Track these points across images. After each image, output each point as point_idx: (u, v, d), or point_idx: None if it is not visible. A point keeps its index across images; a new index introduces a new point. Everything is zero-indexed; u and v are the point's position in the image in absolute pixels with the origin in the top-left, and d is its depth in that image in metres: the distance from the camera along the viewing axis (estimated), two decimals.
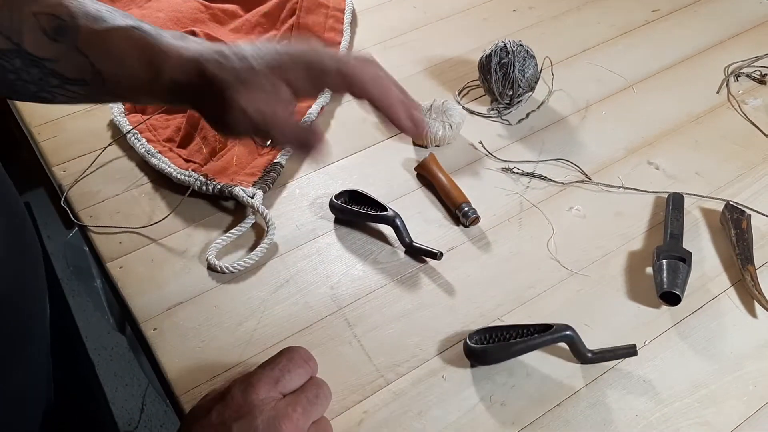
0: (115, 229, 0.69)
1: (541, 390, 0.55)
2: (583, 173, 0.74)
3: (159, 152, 0.74)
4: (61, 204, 0.71)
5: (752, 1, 1.00)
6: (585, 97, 0.84)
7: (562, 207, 0.71)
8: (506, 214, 0.70)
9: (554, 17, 0.98)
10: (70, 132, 0.80)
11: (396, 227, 0.65)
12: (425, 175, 0.73)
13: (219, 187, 0.69)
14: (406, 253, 0.66)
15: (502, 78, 0.79)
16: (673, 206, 0.68)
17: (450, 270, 0.64)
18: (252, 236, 0.68)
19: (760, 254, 0.65)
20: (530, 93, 0.82)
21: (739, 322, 0.60)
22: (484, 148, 0.77)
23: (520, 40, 0.80)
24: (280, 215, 0.70)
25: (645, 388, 0.55)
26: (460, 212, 0.68)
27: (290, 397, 0.47)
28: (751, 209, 0.69)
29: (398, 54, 0.92)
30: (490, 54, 0.79)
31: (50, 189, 0.87)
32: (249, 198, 0.68)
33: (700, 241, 0.67)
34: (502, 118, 0.82)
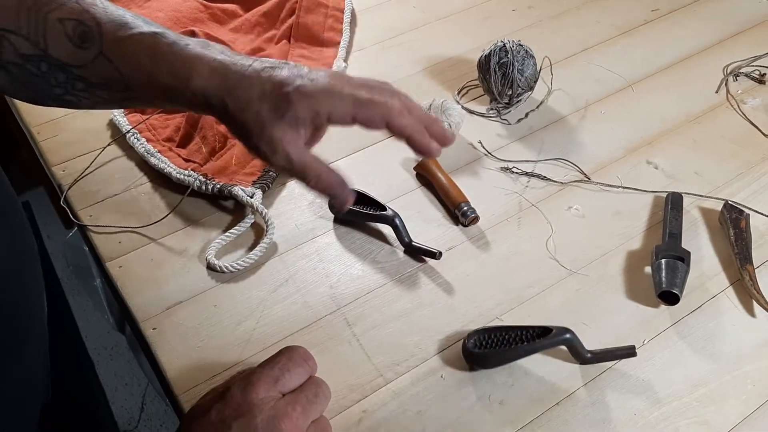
0: (114, 228, 0.69)
1: (540, 389, 0.55)
2: (582, 173, 0.74)
3: (158, 152, 0.74)
4: (61, 203, 0.71)
5: (751, 1, 1.00)
6: (584, 97, 0.84)
7: (561, 206, 0.71)
8: (505, 214, 0.70)
9: (553, 17, 0.98)
10: (70, 132, 0.80)
11: (395, 227, 0.66)
12: (424, 175, 0.73)
13: (218, 186, 0.69)
14: (405, 252, 0.66)
15: (501, 78, 0.79)
16: (671, 206, 0.68)
17: (449, 269, 0.65)
18: (251, 236, 0.68)
19: (758, 253, 0.66)
20: (529, 93, 0.82)
21: (737, 321, 0.61)
22: (484, 147, 0.77)
23: (519, 40, 0.80)
24: (280, 215, 0.70)
25: (643, 388, 0.56)
26: (459, 212, 0.68)
27: (290, 396, 0.47)
28: (749, 209, 0.69)
29: (397, 53, 0.92)
30: (490, 53, 0.80)
31: (50, 188, 0.87)
32: (248, 197, 0.68)
33: (698, 241, 0.67)
34: (502, 117, 0.82)
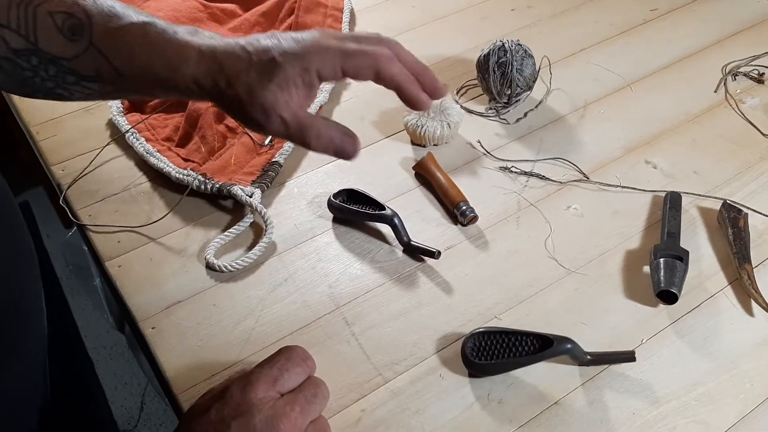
0: (113, 228, 0.69)
1: (538, 388, 0.56)
2: (581, 172, 0.75)
3: (158, 151, 0.74)
4: (60, 203, 0.71)
5: (750, 1, 1.01)
6: (583, 97, 0.85)
7: (559, 206, 0.71)
8: (504, 213, 0.70)
9: (552, 16, 0.98)
10: (69, 131, 0.80)
11: (394, 226, 0.66)
12: (423, 174, 0.73)
13: (217, 186, 0.69)
14: (404, 252, 0.66)
15: (500, 77, 0.79)
16: (670, 205, 0.69)
17: (448, 269, 0.65)
18: (250, 235, 0.68)
19: (757, 253, 0.66)
20: (528, 92, 0.82)
21: (736, 320, 0.61)
22: (482, 147, 0.77)
23: (518, 40, 0.80)
24: (279, 214, 0.70)
25: (642, 387, 0.56)
26: (458, 211, 0.68)
27: (288, 396, 0.47)
28: (748, 208, 0.69)
29: None
30: (488, 53, 0.80)
31: (49, 188, 0.87)
32: (247, 197, 0.68)
33: (697, 240, 0.68)
34: (500, 117, 0.82)
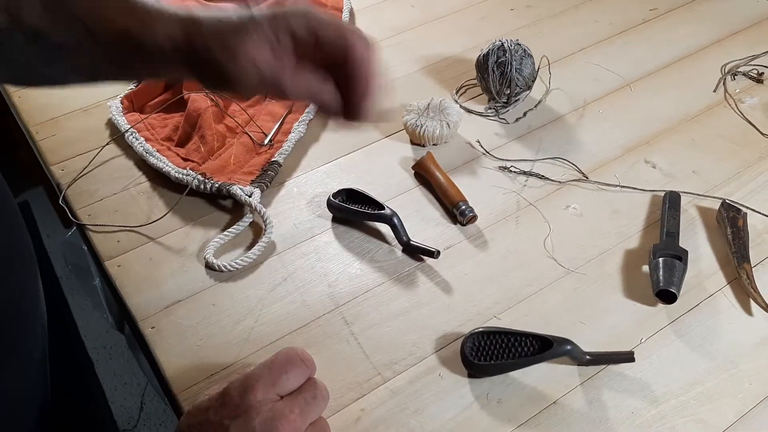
0: (113, 227, 0.69)
1: (537, 388, 0.56)
2: (580, 172, 0.75)
3: (157, 151, 0.75)
4: (60, 203, 0.71)
5: (749, 0, 1.01)
6: (582, 96, 0.85)
7: (559, 205, 0.71)
8: (503, 213, 0.70)
9: (552, 16, 0.98)
10: (69, 131, 0.80)
11: (393, 226, 0.66)
12: (423, 174, 0.73)
13: (217, 185, 0.69)
14: (403, 251, 0.66)
15: (499, 77, 0.79)
16: (669, 204, 0.69)
17: (447, 268, 0.65)
18: (250, 235, 0.68)
19: (756, 252, 0.66)
20: (527, 92, 0.82)
21: (735, 320, 0.61)
22: (482, 146, 0.77)
23: (517, 39, 0.81)
24: (278, 214, 0.70)
25: (641, 386, 0.56)
26: (457, 211, 0.68)
27: (288, 398, 0.47)
28: (747, 207, 0.69)
29: (396, 53, 0.92)
30: (488, 53, 0.80)
31: (49, 188, 0.87)
32: (247, 197, 0.68)
33: (696, 240, 0.68)
34: (500, 116, 0.82)
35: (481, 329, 0.56)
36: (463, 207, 0.68)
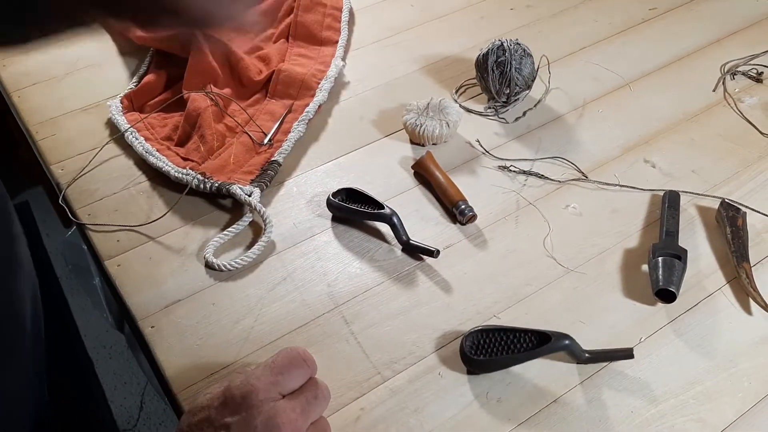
0: (113, 227, 0.69)
1: (537, 387, 0.56)
2: (580, 171, 0.75)
3: (157, 150, 0.75)
4: (60, 202, 0.71)
5: (749, 0, 1.01)
6: (582, 96, 0.85)
7: (558, 205, 0.71)
8: (503, 212, 0.70)
9: (551, 15, 0.98)
10: (68, 130, 0.80)
11: (393, 225, 0.66)
12: (422, 173, 0.73)
13: (216, 185, 0.69)
14: (403, 251, 0.66)
15: (499, 76, 0.79)
16: (669, 204, 0.69)
17: (446, 268, 0.65)
18: (249, 234, 0.68)
19: (755, 251, 0.66)
20: (527, 91, 0.82)
21: (734, 319, 0.61)
22: (481, 146, 0.78)
23: (517, 39, 0.81)
24: (278, 213, 0.70)
25: (640, 385, 0.56)
26: (456, 210, 0.68)
27: (290, 397, 0.47)
28: (746, 207, 0.69)
29: (395, 52, 0.92)
30: (487, 52, 0.80)
31: (48, 187, 0.87)
32: (246, 196, 0.68)
33: (695, 239, 0.68)
34: (499, 116, 0.82)
35: (480, 327, 0.57)
36: (463, 206, 0.68)
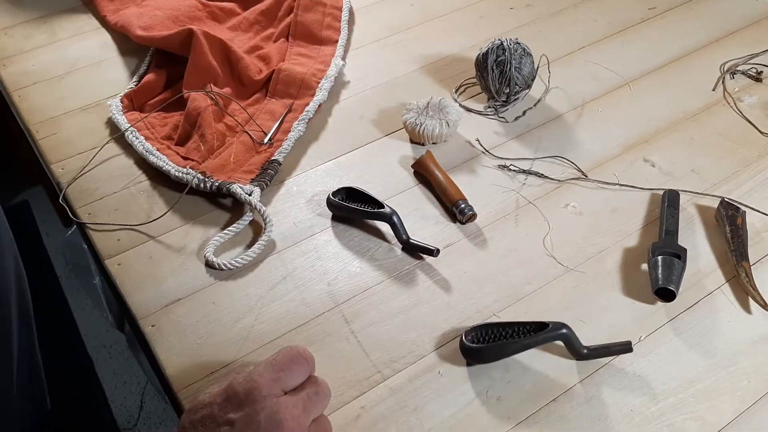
0: (113, 226, 0.69)
1: (537, 385, 0.56)
2: (580, 170, 0.75)
3: (157, 150, 0.75)
4: (60, 202, 0.71)
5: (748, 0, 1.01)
6: (581, 95, 0.85)
7: (558, 204, 0.71)
8: (502, 211, 0.70)
9: (551, 15, 0.98)
10: (69, 130, 0.80)
11: (393, 224, 0.66)
12: (422, 173, 0.73)
13: (217, 184, 0.69)
14: (402, 250, 0.66)
15: (498, 76, 0.79)
16: (668, 203, 0.69)
17: (446, 267, 0.65)
18: (249, 233, 0.68)
19: (754, 251, 0.66)
20: (527, 91, 0.82)
21: (733, 318, 0.61)
22: (481, 145, 0.78)
23: (516, 38, 0.81)
24: (278, 212, 0.70)
25: (640, 384, 0.56)
26: (456, 209, 0.68)
27: (292, 393, 0.47)
28: (746, 206, 0.69)
29: (395, 51, 0.92)
30: (487, 52, 0.80)
31: (49, 187, 0.87)
32: (246, 195, 0.68)
33: (695, 238, 0.68)
34: (499, 115, 0.82)
35: (480, 324, 0.57)
36: (463, 205, 0.68)
